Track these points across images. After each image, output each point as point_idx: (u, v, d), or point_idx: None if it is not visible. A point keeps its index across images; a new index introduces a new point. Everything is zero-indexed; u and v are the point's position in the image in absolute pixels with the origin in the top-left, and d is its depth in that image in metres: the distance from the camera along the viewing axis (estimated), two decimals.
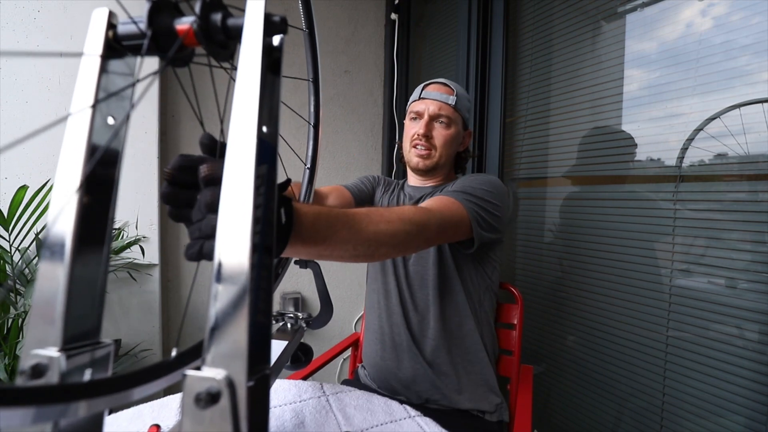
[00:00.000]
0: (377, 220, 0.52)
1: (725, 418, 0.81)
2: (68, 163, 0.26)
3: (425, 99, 0.90)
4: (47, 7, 1.23)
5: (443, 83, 0.91)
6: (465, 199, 0.75)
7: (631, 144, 1.00)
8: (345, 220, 0.47)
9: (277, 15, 0.26)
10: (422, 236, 0.61)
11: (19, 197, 1.01)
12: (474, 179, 0.83)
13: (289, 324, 0.62)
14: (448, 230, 0.70)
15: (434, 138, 0.88)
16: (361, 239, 0.49)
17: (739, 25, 0.80)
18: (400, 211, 0.59)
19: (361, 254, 0.51)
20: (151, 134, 1.34)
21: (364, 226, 0.50)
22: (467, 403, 0.84)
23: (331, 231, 0.45)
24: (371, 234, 0.51)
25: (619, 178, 1.03)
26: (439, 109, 0.88)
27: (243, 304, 0.23)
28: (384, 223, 0.53)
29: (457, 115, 0.90)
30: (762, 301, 0.78)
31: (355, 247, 0.49)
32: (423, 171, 0.91)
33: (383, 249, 0.54)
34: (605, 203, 1.06)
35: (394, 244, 0.55)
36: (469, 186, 0.79)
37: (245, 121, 0.25)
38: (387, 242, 0.53)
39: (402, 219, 0.57)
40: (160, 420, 0.60)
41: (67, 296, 0.25)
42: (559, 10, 1.18)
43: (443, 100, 0.88)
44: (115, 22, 0.27)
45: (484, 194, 0.78)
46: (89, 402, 0.19)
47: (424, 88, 0.92)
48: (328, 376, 1.72)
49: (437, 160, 0.89)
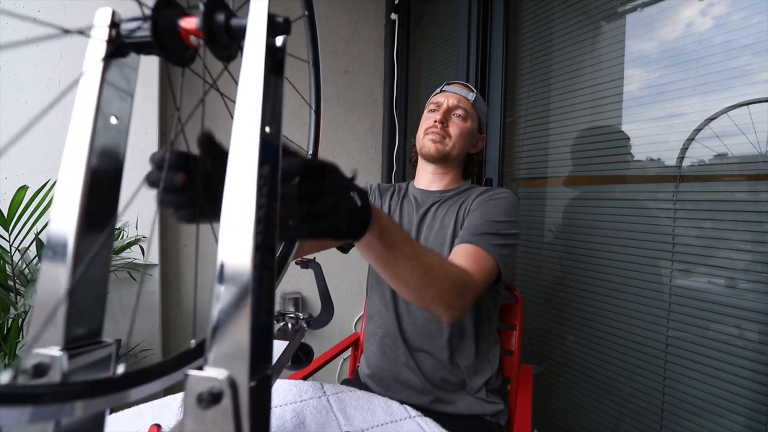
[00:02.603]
0: (431, 258, 0.57)
1: (725, 418, 0.81)
2: (71, 163, 0.26)
3: (446, 92, 0.93)
4: (47, 7, 1.23)
5: (464, 83, 0.96)
6: (492, 245, 0.75)
7: (631, 144, 1.00)
8: (411, 239, 0.54)
9: (281, 16, 0.26)
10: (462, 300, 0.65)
11: (19, 197, 1.01)
12: (495, 207, 0.82)
13: (290, 324, 0.61)
14: (483, 291, 0.75)
15: (450, 127, 0.90)
16: (419, 265, 0.54)
17: (739, 25, 0.80)
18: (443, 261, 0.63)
19: (415, 284, 0.55)
20: (151, 134, 1.34)
21: (422, 253, 0.55)
22: (468, 411, 0.84)
23: (401, 239, 0.51)
24: (427, 266, 0.55)
25: (619, 178, 1.03)
26: (458, 101, 0.91)
27: (245, 305, 0.23)
28: (438, 264, 0.59)
29: (474, 113, 0.92)
30: (762, 301, 0.78)
31: (413, 272, 0.53)
32: (434, 158, 0.91)
33: (431, 291, 0.58)
34: (605, 203, 1.06)
35: (440, 291, 0.59)
36: (492, 221, 0.79)
37: (248, 121, 0.25)
38: (436, 283, 0.58)
39: (446, 270, 0.61)
40: (160, 419, 0.60)
41: (69, 296, 0.25)
42: (559, 10, 1.18)
43: (463, 94, 0.91)
44: (118, 20, 0.27)
45: (506, 227, 0.78)
46: (88, 402, 0.19)
47: (446, 84, 0.96)
48: (328, 376, 1.72)
49: (450, 149, 0.90)
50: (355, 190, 0.42)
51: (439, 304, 0.61)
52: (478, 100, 0.93)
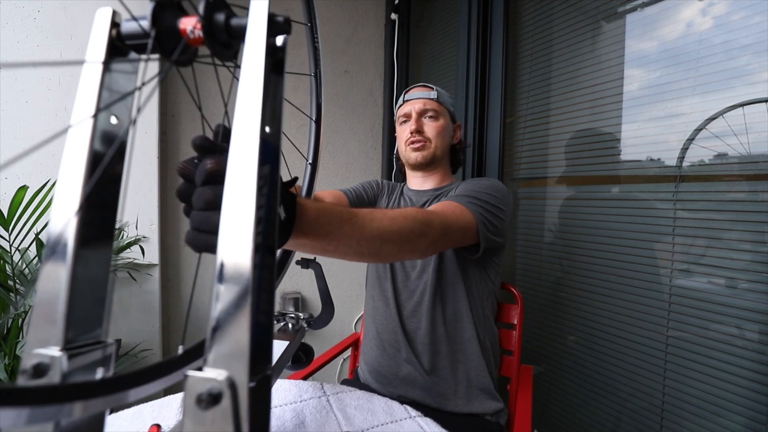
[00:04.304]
0: (380, 217, 0.53)
1: (725, 418, 0.81)
2: (72, 163, 0.26)
3: (409, 101, 0.96)
4: (47, 7, 1.23)
5: (422, 84, 0.98)
6: (470, 202, 0.75)
7: (631, 144, 1.00)
8: (348, 216, 0.48)
9: (281, 15, 0.26)
10: (428, 237, 0.60)
11: (19, 197, 1.01)
12: (477, 183, 0.84)
13: (290, 324, 0.61)
14: (455, 233, 0.70)
15: (426, 131, 0.93)
16: (364, 235, 0.50)
17: (739, 25, 0.80)
18: (403, 210, 0.59)
19: (366, 251, 0.51)
20: (151, 134, 1.34)
21: (367, 221, 0.50)
22: (467, 409, 0.84)
23: (333, 226, 0.45)
24: (375, 230, 0.51)
25: (619, 178, 1.03)
26: (423, 105, 0.93)
27: (245, 305, 0.23)
28: (387, 219, 0.54)
29: (442, 108, 0.95)
30: (762, 301, 0.78)
31: (359, 243, 0.49)
32: (423, 165, 0.94)
33: (388, 246, 0.53)
34: (605, 203, 1.06)
35: (399, 241, 0.55)
36: (473, 190, 0.79)
37: (248, 121, 0.25)
38: (391, 239, 0.53)
39: (405, 216, 0.57)
40: (160, 420, 0.60)
41: (69, 296, 0.25)
42: (559, 10, 1.18)
43: (425, 96, 0.94)
44: (118, 21, 0.27)
45: (489, 198, 0.78)
46: (87, 402, 0.19)
47: (406, 92, 0.98)
48: (328, 376, 1.72)
49: (434, 151, 0.93)
50: (282, 201, 0.37)
51: (404, 251, 0.58)
52: (440, 94, 0.95)
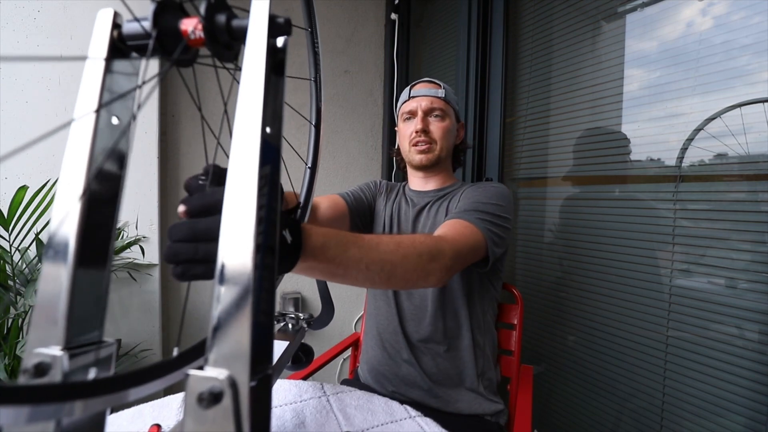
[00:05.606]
0: (387, 241, 0.53)
1: (725, 418, 0.81)
2: (73, 163, 0.26)
3: (415, 97, 0.91)
4: (47, 7, 1.23)
5: (429, 80, 0.93)
6: (478, 219, 0.74)
7: (631, 144, 1.00)
8: (354, 239, 0.49)
9: (282, 16, 0.26)
10: (438, 262, 0.59)
11: (19, 197, 1.01)
12: (483, 192, 0.82)
13: (290, 324, 0.61)
14: (467, 256, 0.70)
15: (432, 132, 0.89)
16: (372, 258, 0.50)
17: (739, 25, 0.80)
18: (412, 236, 0.60)
19: (377, 277, 0.51)
20: (151, 134, 1.34)
21: (374, 245, 0.51)
22: (467, 409, 0.84)
23: (340, 249, 0.46)
24: (382, 254, 0.51)
25: (619, 178, 1.03)
26: (431, 103, 0.89)
27: (246, 305, 0.23)
28: (394, 244, 0.54)
29: (448, 107, 0.91)
30: (762, 301, 0.78)
31: (368, 267, 0.49)
32: (427, 167, 0.91)
33: (398, 271, 0.53)
34: (605, 203, 1.06)
35: (408, 266, 0.54)
36: (480, 202, 0.78)
37: (249, 122, 0.25)
38: (399, 263, 0.53)
39: (413, 242, 0.57)
40: (160, 419, 0.60)
41: (70, 296, 0.25)
42: (559, 10, 1.18)
43: (433, 94, 0.90)
44: (119, 22, 0.27)
45: (495, 209, 0.77)
46: (87, 401, 0.19)
47: (412, 87, 0.94)
48: (328, 376, 1.72)
49: (439, 153, 0.90)
50: (286, 227, 0.38)
51: (414, 278, 0.57)
52: (447, 92, 0.91)
